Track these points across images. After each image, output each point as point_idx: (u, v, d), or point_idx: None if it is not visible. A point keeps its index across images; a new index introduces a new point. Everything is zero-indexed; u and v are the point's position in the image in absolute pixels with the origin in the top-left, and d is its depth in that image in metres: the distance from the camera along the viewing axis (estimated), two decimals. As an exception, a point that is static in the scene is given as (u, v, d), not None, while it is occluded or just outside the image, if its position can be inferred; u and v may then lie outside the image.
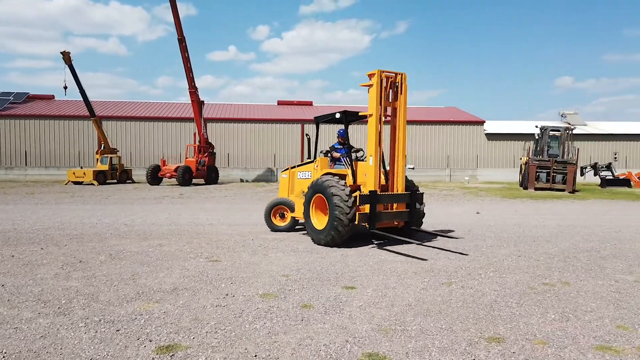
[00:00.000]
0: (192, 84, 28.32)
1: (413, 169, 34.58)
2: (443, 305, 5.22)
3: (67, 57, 27.78)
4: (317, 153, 10.30)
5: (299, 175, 10.38)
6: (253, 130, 37.36)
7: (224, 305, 5.11)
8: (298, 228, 10.47)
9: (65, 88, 29.41)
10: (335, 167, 9.99)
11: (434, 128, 38.18)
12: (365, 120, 8.97)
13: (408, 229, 9.02)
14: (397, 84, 8.88)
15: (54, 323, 4.55)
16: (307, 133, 10.44)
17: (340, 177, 9.12)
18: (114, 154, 29.95)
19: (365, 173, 8.88)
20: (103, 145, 30.09)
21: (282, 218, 10.45)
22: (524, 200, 19.65)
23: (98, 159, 29.39)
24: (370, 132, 8.67)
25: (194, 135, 30.89)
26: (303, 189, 9.67)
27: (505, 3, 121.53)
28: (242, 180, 32.95)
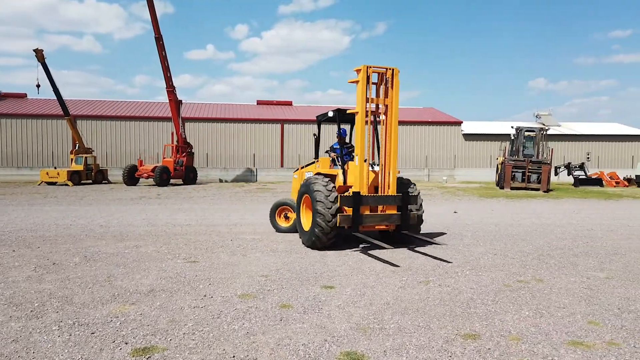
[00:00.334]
0: (169, 83, 28.00)
1: None
2: (421, 304, 5.27)
3: (40, 54, 27.14)
4: (319, 153, 10.14)
5: (306, 176, 9.99)
6: (232, 130, 37.12)
7: (202, 307, 5.07)
8: None
9: (38, 86, 28.77)
10: (335, 167, 9.66)
11: (413, 128, 38.54)
12: (380, 121, 8.64)
13: (399, 234, 8.58)
14: (387, 80, 8.36)
15: (26, 327, 4.44)
16: (314, 132, 10.00)
17: (332, 177, 8.91)
18: (89, 154, 29.39)
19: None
20: (78, 145, 29.48)
21: (286, 219, 10.28)
22: (500, 200, 20.00)
23: (72, 159, 28.79)
24: (357, 130, 8.33)
25: (172, 135, 30.54)
26: None
27: (482, 7, 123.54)
28: (221, 181, 32.70)
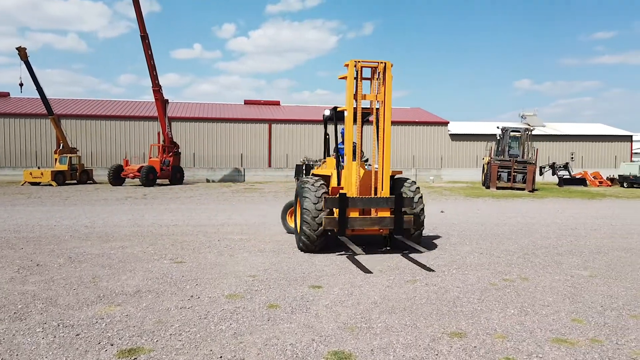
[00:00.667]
0: (155, 82, 27.75)
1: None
2: (407, 303, 5.31)
3: (23, 53, 26.70)
4: (327, 152, 9.82)
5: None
6: (219, 130, 36.92)
7: (189, 307, 5.04)
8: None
9: (21, 85, 28.23)
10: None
11: (400, 128, 38.70)
12: (371, 120, 8.26)
13: (392, 239, 8.21)
14: (379, 75, 7.82)
15: (10, 329, 4.37)
16: (327, 132, 9.40)
17: (327, 178, 8.60)
18: (74, 154, 29.01)
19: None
20: (62, 145, 29.08)
21: None
22: (486, 199, 20.19)
23: (57, 159, 28.39)
24: (346, 129, 7.93)
25: (158, 135, 30.28)
26: None
27: (469, 9, 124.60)
28: (208, 181, 32.51)
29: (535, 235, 10.24)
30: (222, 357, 3.83)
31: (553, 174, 31.02)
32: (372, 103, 7.97)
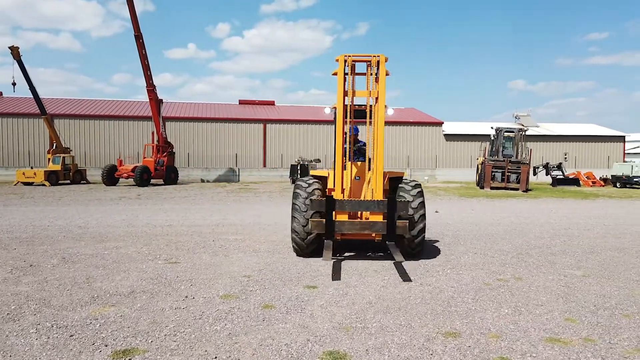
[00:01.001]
0: (149, 82, 27.66)
1: None
2: (402, 302, 5.32)
3: (15, 52, 26.52)
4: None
5: None
6: (214, 130, 36.85)
7: (184, 308, 5.03)
8: None
9: (14, 84, 28.08)
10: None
11: (395, 129, 38.79)
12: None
13: (384, 244, 7.58)
14: (373, 70, 7.40)
15: (3, 330, 4.34)
16: (345, 131, 8.95)
17: (325, 180, 8.30)
18: (67, 154, 28.85)
19: (356, 175, 7.81)
20: (55, 145, 28.92)
21: None
22: (480, 199, 20.27)
23: (50, 159, 28.22)
24: (337, 127, 7.54)
25: (152, 135, 30.18)
26: None
27: (463, 10, 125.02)
28: (202, 181, 32.43)
29: (529, 235, 10.29)
30: (217, 357, 3.82)
31: (547, 174, 31.21)
32: (368, 100, 7.60)
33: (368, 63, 7.42)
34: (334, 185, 7.79)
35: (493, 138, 28.70)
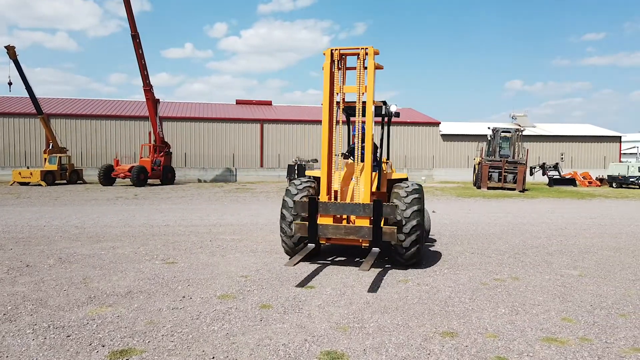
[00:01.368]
0: (146, 82, 27.59)
1: None
2: (400, 302, 5.33)
3: (12, 51, 26.41)
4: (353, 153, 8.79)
5: None
6: (211, 130, 36.79)
7: (181, 308, 5.02)
8: None
9: (10, 84, 27.94)
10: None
11: (392, 128, 38.74)
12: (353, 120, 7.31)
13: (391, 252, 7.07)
14: (362, 64, 6.92)
15: (-1, 330, 4.33)
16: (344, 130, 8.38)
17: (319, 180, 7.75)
18: (63, 154, 28.74)
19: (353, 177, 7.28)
20: (51, 144, 28.81)
21: None
22: (477, 199, 20.31)
23: (46, 159, 28.11)
24: (323, 126, 7.07)
25: (149, 135, 30.10)
26: None
27: (460, 10, 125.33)
28: (199, 181, 32.38)
29: (526, 235, 10.32)
30: (214, 357, 3.82)
31: (543, 174, 31.31)
32: (358, 95, 7.00)
33: (358, 56, 6.92)
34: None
35: (490, 138, 28.77)
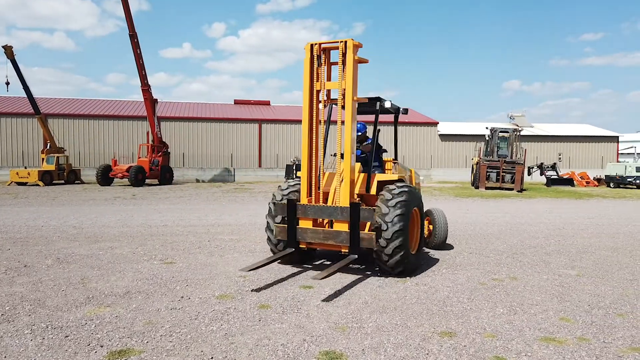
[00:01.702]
0: (144, 82, 27.56)
1: None
2: (398, 302, 5.33)
3: (9, 51, 26.34)
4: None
5: None
6: (209, 130, 36.77)
7: (179, 308, 5.02)
8: None
9: (8, 84, 27.88)
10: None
11: (389, 128, 38.82)
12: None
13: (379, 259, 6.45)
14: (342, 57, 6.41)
15: (-3, 331, 4.32)
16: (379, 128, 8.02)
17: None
18: (61, 153, 28.69)
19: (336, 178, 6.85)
20: (49, 144, 28.77)
21: None
22: (475, 199, 20.34)
23: (44, 159, 28.06)
24: (303, 125, 6.72)
25: (147, 134, 30.07)
26: None
27: (458, 11, 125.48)
28: (198, 181, 32.35)
29: (524, 235, 10.34)
30: (213, 357, 3.82)
31: (541, 174, 31.36)
32: (340, 91, 6.50)
33: (337, 50, 6.45)
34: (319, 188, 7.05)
35: (488, 138, 28.82)
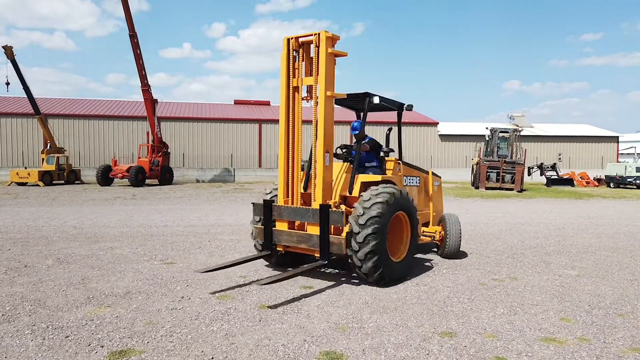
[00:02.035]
0: (144, 82, 27.55)
1: None
2: (398, 303, 5.33)
3: (9, 51, 26.32)
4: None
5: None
6: (209, 130, 36.78)
7: (180, 308, 5.02)
8: None
9: (8, 84, 27.87)
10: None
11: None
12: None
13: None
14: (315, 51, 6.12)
15: (-3, 331, 4.32)
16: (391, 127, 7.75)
17: None
18: (61, 154, 28.68)
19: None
20: (49, 145, 28.76)
21: None
22: (475, 199, 20.34)
23: (44, 159, 28.05)
24: (280, 122, 6.54)
25: (147, 135, 30.06)
26: None
27: (459, 11, 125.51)
28: (198, 181, 32.35)
29: (524, 235, 10.34)
30: (213, 358, 3.82)
31: (541, 175, 31.36)
32: (314, 87, 6.25)
33: (311, 43, 6.18)
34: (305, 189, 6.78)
35: (488, 138, 28.82)
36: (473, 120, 52.58)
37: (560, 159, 40.60)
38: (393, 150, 7.80)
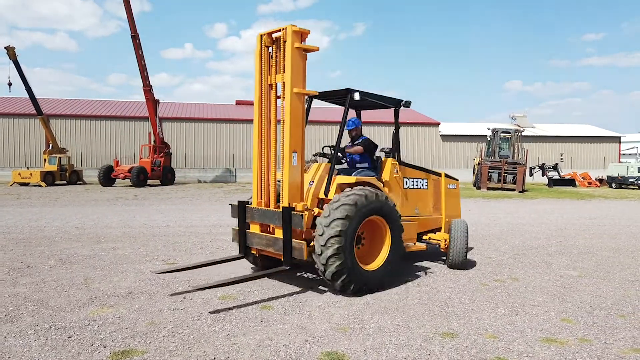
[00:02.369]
0: (146, 82, 27.59)
1: None
2: (400, 303, 5.34)
3: (11, 52, 26.41)
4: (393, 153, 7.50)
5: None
6: (211, 130, 36.81)
7: (182, 309, 5.03)
8: None
9: (10, 85, 27.97)
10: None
11: (390, 129, 38.82)
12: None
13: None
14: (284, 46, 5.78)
15: (1, 331, 4.34)
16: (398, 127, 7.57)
17: None
18: (63, 154, 28.74)
19: (311, 180, 6.37)
20: (51, 145, 28.82)
21: None
22: (477, 200, 20.33)
23: (46, 159, 28.11)
24: (254, 120, 6.23)
25: (149, 135, 30.11)
26: None
27: (460, 11, 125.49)
28: (199, 181, 32.39)
29: (525, 236, 10.34)
30: (215, 358, 3.83)
31: (543, 175, 31.34)
32: (283, 84, 5.90)
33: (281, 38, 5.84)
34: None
35: (489, 139, 28.80)
36: (474, 121, 52.61)
37: (562, 159, 40.54)
38: (394, 150, 7.52)
